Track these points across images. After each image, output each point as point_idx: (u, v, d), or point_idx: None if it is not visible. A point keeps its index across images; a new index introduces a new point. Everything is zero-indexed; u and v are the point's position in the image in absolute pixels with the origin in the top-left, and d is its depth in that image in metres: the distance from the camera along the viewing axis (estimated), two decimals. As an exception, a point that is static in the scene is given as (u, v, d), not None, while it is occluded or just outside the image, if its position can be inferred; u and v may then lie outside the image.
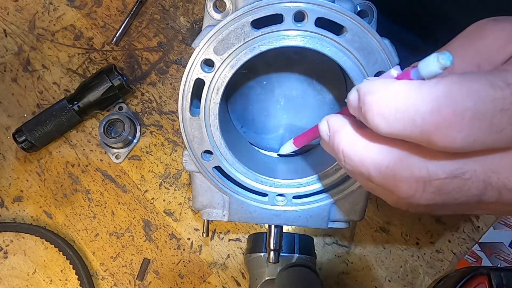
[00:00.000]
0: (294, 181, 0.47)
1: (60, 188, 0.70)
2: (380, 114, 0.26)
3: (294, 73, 0.53)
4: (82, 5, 0.74)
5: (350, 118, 0.31)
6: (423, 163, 0.27)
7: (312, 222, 0.48)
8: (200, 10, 0.74)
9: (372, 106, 0.26)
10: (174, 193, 0.70)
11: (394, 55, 0.41)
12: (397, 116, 0.25)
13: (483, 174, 0.26)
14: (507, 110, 0.23)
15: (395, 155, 0.28)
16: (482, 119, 0.23)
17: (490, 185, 0.26)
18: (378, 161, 0.28)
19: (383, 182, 0.28)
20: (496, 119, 0.23)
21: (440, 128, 0.24)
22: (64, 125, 0.68)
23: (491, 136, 0.24)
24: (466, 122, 0.23)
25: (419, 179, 0.27)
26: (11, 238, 0.69)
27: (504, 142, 0.24)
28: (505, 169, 0.26)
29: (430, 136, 0.24)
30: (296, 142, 0.47)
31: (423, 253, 0.68)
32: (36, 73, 0.73)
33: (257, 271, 0.59)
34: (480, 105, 0.23)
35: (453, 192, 0.26)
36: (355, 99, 0.28)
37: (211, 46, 0.41)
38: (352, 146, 0.29)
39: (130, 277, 0.68)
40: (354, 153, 0.29)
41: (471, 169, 0.26)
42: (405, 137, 0.26)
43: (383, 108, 0.26)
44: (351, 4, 0.41)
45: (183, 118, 0.44)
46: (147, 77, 0.72)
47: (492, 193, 0.26)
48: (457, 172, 0.26)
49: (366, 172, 0.29)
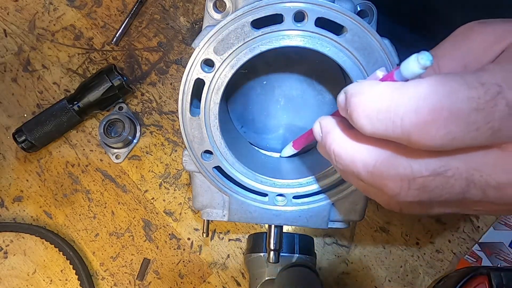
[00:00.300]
0: (294, 181, 0.47)
1: (60, 188, 0.70)
2: (364, 115, 0.27)
3: (294, 73, 0.53)
4: (82, 5, 0.74)
5: (340, 119, 0.32)
6: (407, 162, 0.27)
7: (312, 222, 0.48)
8: (200, 10, 0.74)
9: (357, 107, 0.27)
10: (174, 193, 0.70)
11: (394, 55, 0.41)
12: (379, 116, 0.26)
13: (466, 172, 0.26)
14: (482, 110, 0.24)
15: (381, 155, 0.28)
16: (459, 118, 0.24)
17: (473, 183, 0.26)
18: (366, 161, 0.29)
19: (371, 181, 0.29)
20: (472, 117, 0.24)
21: (419, 127, 0.24)
22: (64, 125, 0.68)
23: (468, 134, 0.24)
24: (443, 121, 0.24)
25: (403, 177, 0.27)
26: (11, 238, 0.69)
27: (483, 140, 0.25)
28: (487, 167, 0.26)
29: (410, 136, 0.25)
30: (295, 145, 0.47)
31: (423, 253, 0.68)
32: (36, 73, 0.73)
33: (257, 271, 0.59)
34: (456, 104, 0.24)
35: (437, 190, 0.27)
36: (343, 100, 0.28)
37: (211, 46, 0.41)
38: (342, 146, 0.30)
39: (130, 277, 0.68)
40: (344, 153, 0.30)
41: (454, 166, 0.26)
42: (387, 137, 0.26)
43: (367, 109, 0.26)
44: (351, 4, 0.41)
45: (183, 118, 0.44)
46: (147, 77, 0.72)
47: (476, 191, 0.27)
48: (440, 170, 0.26)
49: (356, 172, 0.30)
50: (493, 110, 0.24)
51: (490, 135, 0.24)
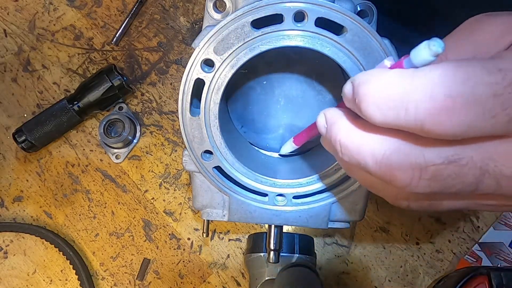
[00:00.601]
0: (294, 181, 0.47)
1: (60, 188, 0.70)
2: (374, 104, 0.26)
3: (294, 73, 0.53)
4: (82, 5, 0.74)
5: (346, 110, 0.31)
6: (419, 150, 0.26)
7: (312, 222, 0.48)
8: (200, 10, 0.74)
9: (366, 96, 0.26)
10: (174, 193, 0.70)
11: (394, 55, 0.41)
12: (389, 104, 0.25)
13: (480, 161, 0.25)
14: (500, 96, 0.23)
15: (391, 144, 0.27)
16: (475, 105, 0.23)
17: (487, 173, 0.26)
18: (374, 151, 0.28)
19: (379, 172, 0.28)
20: (489, 104, 0.23)
21: (432, 115, 0.24)
22: (64, 125, 0.68)
23: (484, 122, 0.23)
24: (458, 108, 0.23)
25: (415, 166, 0.26)
26: (11, 238, 0.69)
27: (499, 128, 0.24)
28: (503, 157, 0.25)
29: (423, 124, 0.24)
30: (296, 140, 0.46)
31: (423, 253, 0.68)
32: (36, 73, 0.73)
33: (257, 271, 0.59)
34: (472, 90, 0.23)
35: (449, 179, 0.26)
36: (350, 90, 0.28)
37: (211, 46, 0.41)
38: (349, 137, 0.29)
39: (130, 277, 0.68)
40: (351, 143, 0.29)
41: (468, 155, 0.26)
42: (398, 126, 0.25)
43: (376, 97, 0.25)
44: (351, 4, 0.41)
45: (183, 118, 0.44)
46: (147, 77, 0.72)
47: (490, 181, 0.26)
48: (453, 158, 0.26)
49: (363, 162, 0.29)
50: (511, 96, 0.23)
51: (507, 123, 0.23)
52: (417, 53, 0.25)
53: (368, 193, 0.48)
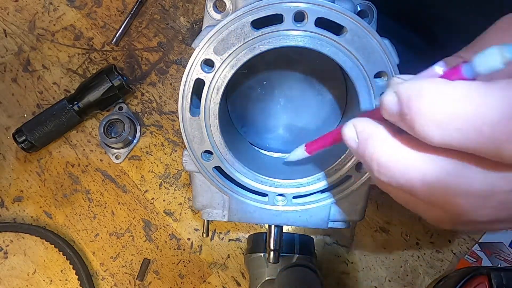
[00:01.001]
0: (294, 181, 0.47)
1: (60, 188, 0.70)
2: (433, 123, 0.22)
3: (294, 73, 0.53)
4: (82, 5, 0.74)
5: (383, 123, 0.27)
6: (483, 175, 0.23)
7: (312, 222, 0.48)
8: (200, 10, 0.74)
9: (421, 113, 0.22)
10: (174, 193, 0.70)
11: (394, 55, 0.41)
12: (455, 125, 0.22)
13: None
14: None
15: (448, 166, 0.24)
16: None
17: None
18: (425, 173, 0.24)
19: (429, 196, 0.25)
20: None
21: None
22: (64, 125, 0.68)
23: None
24: None
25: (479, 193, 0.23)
26: (11, 238, 0.69)
27: None
28: None
29: (500, 149, 0.21)
30: (309, 148, 0.42)
31: (423, 253, 0.68)
32: (36, 73, 0.73)
33: (257, 271, 0.59)
34: None
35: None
36: (394, 104, 0.24)
37: (211, 46, 0.41)
38: (391, 155, 0.25)
39: (130, 277, 0.68)
40: (394, 164, 0.25)
41: None
42: (465, 148, 0.22)
43: (437, 115, 0.22)
44: (351, 4, 0.41)
45: (183, 118, 0.44)
46: (147, 77, 0.72)
47: None
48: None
49: (409, 185, 0.25)
50: None
51: None
52: (484, 60, 0.22)
53: (368, 193, 0.48)
